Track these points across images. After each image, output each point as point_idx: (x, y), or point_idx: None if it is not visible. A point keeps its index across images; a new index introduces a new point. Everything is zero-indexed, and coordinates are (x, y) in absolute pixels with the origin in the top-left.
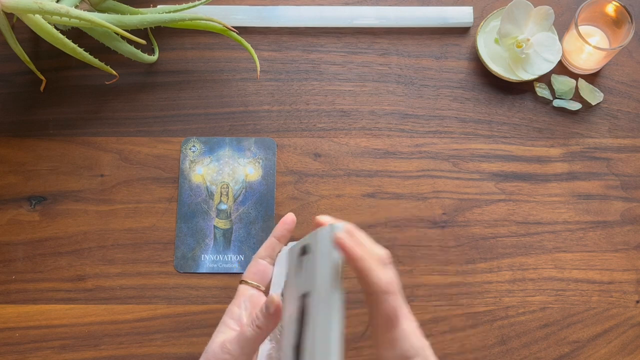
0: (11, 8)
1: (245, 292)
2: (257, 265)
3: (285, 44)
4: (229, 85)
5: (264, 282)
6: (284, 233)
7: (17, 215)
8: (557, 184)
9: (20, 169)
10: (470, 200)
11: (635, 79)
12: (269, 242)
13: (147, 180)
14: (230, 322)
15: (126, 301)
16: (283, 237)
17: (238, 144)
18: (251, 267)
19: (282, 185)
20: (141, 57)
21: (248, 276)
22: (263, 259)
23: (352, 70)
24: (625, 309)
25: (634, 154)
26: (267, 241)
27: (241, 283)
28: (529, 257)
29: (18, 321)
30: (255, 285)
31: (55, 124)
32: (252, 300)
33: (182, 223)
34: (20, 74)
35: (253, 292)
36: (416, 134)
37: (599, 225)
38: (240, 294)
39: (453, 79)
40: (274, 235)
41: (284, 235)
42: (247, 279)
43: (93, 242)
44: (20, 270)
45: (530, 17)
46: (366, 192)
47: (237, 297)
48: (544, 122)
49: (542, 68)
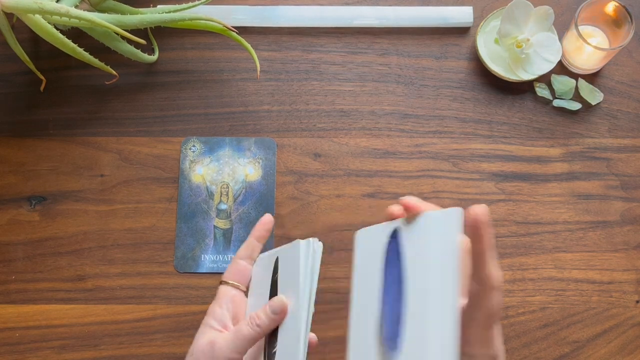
0: (11, 8)
1: (227, 293)
2: (237, 265)
3: (285, 44)
4: (229, 85)
5: (244, 282)
6: (262, 233)
7: (17, 215)
8: (557, 184)
9: (20, 169)
10: (470, 200)
11: (635, 79)
12: (248, 243)
13: (147, 180)
14: (214, 323)
15: (126, 301)
16: (262, 237)
17: (238, 144)
18: (231, 267)
19: (282, 185)
20: (141, 57)
21: (228, 276)
22: (242, 260)
23: (352, 70)
24: (625, 309)
25: (634, 154)
26: (246, 242)
27: (221, 284)
28: (529, 257)
29: (18, 321)
30: (235, 285)
31: (55, 124)
32: (234, 301)
33: (182, 223)
34: (20, 74)
35: (234, 292)
36: (416, 134)
37: (599, 225)
38: (222, 295)
39: (453, 79)
40: (253, 235)
41: (262, 236)
42: (227, 280)
43: (93, 242)
44: (20, 270)
45: (530, 17)
46: (366, 192)
47: (218, 297)
48: (544, 122)
49: (542, 68)
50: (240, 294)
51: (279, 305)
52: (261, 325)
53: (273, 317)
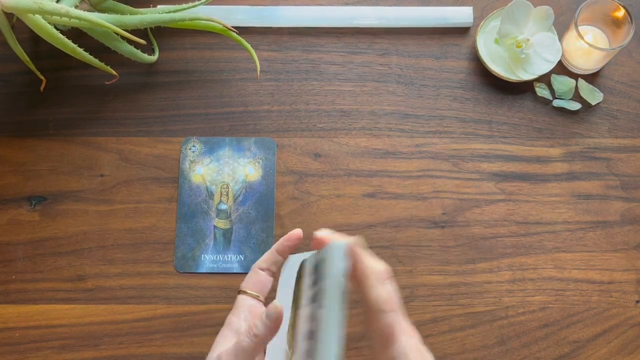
0: (11, 8)
1: (245, 303)
2: (257, 276)
3: (285, 44)
4: (229, 85)
5: (263, 292)
6: (285, 248)
7: (17, 215)
8: (557, 184)
9: (20, 169)
10: (470, 200)
11: (635, 79)
12: (270, 255)
13: (147, 180)
14: (229, 334)
15: (126, 301)
16: (284, 252)
17: (238, 144)
18: (250, 277)
19: (282, 185)
20: (141, 57)
21: (247, 286)
22: (263, 270)
23: (352, 70)
24: (625, 309)
25: (634, 154)
26: (267, 253)
27: (240, 293)
28: (529, 257)
29: (18, 321)
30: (254, 295)
31: (55, 124)
32: (252, 311)
33: (182, 223)
34: (20, 74)
35: (252, 302)
36: (416, 134)
37: (599, 225)
38: (239, 305)
39: (453, 79)
40: (276, 249)
41: (284, 251)
42: (246, 289)
43: (93, 242)
44: (20, 270)
45: (530, 17)
46: (366, 192)
47: (235, 307)
48: (543, 122)
49: (542, 68)
50: (259, 304)
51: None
52: (258, 334)
53: (268, 325)
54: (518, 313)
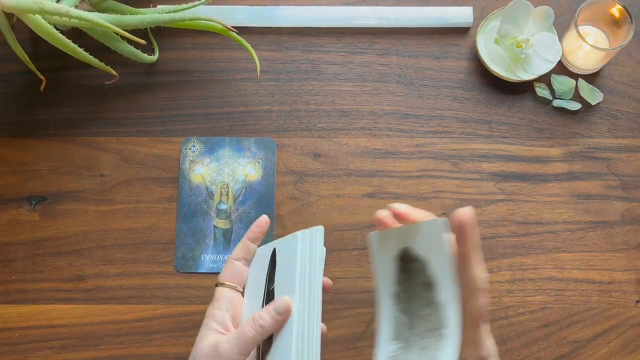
0: (11, 8)
1: (224, 295)
2: (233, 266)
3: (285, 44)
4: (229, 85)
5: (241, 283)
6: (257, 235)
7: (17, 215)
8: (557, 184)
9: (20, 169)
10: (470, 200)
11: (635, 79)
12: (243, 244)
13: (147, 180)
14: (214, 325)
15: (126, 301)
16: (256, 239)
17: (238, 144)
18: (227, 269)
19: (282, 185)
20: (141, 57)
21: (225, 278)
22: (238, 261)
23: (352, 70)
24: (625, 309)
25: (633, 154)
26: (240, 243)
27: (218, 285)
28: (529, 257)
29: (18, 321)
30: (232, 286)
31: (55, 124)
32: (232, 302)
33: (182, 223)
34: (20, 74)
35: (232, 293)
36: (416, 134)
37: (599, 225)
38: (219, 297)
39: (453, 79)
40: (248, 237)
41: (257, 238)
42: (224, 281)
43: (93, 242)
44: (20, 270)
45: (530, 17)
46: (366, 192)
47: (216, 299)
48: (543, 122)
49: (541, 68)
50: (238, 295)
51: (283, 306)
52: (264, 326)
53: (277, 318)
54: (518, 313)
